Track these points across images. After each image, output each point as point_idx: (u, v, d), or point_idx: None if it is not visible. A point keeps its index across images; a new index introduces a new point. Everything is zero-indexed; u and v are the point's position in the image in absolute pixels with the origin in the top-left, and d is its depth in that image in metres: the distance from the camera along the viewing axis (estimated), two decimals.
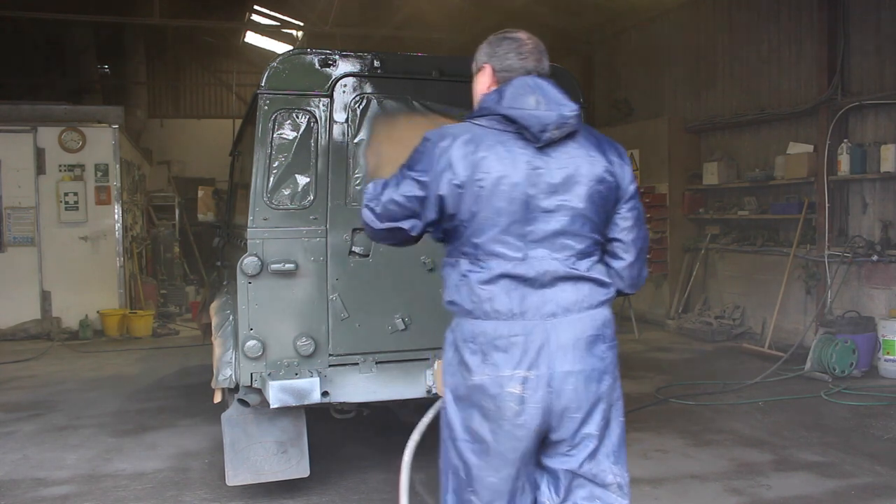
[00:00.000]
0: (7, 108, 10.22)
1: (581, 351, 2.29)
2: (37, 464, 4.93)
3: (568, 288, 2.30)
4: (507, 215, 2.25)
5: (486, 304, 2.27)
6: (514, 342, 2.25)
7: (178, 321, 11.16)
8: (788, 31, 8.68)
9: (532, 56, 2.38)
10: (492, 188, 2.24)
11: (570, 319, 2.29)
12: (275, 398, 3.66)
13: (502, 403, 2.24)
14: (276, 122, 3.85)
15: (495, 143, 2.27)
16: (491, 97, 2.33)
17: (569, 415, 2.29)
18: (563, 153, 2.31)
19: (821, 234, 8.04)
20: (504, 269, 2.27)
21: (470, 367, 2.28)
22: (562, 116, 2.26)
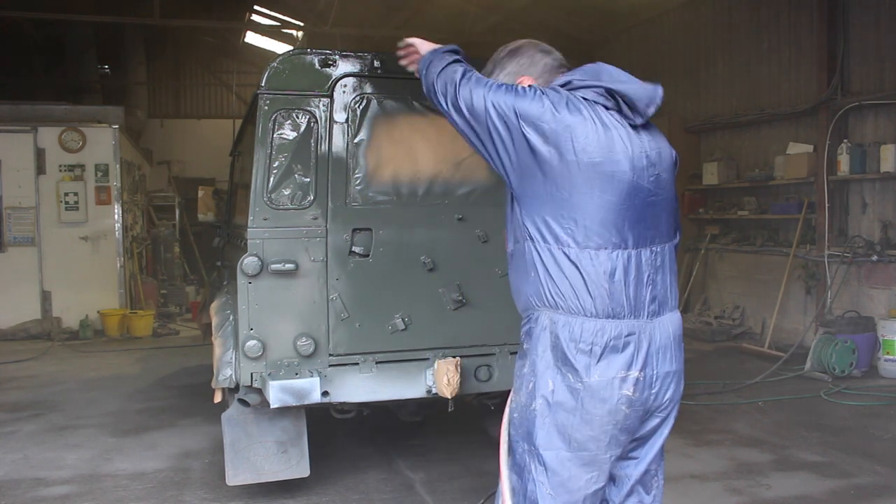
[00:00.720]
0: (7, 108, 10.23)
1: (675, 350, 2.18)
2: (37, 464, 4.94)
3: (665, 281, 2.18)
4: (617, 196, 2.05)
5: (599, 299, 2.07)
6: (629, 341, 2.09)
7: (179, 321, 11.16)
8: (788, 31, 8.68)
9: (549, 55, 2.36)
10: (604, 164, 2.04)
11: (669, 317, 2.18)
12: (275, 398, 3.66)
13: (614, 407, 2.08)
14: (276, 122, 3.85)
15: (609, 118, 2.10)
16: (580, 76, 2.20)
17: (657, 414, 2.20)
18: (650, 133, 2.19)
19: (820, 234, 8.05)
20: (613, 259, 2.07)
21: (577, 369, 2.08)
22: (658, 92, 2.16)
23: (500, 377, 4.07)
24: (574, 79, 2.18)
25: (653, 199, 2.12)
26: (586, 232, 2.05)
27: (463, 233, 4.04)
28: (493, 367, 4.06)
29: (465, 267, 4.00)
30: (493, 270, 4.05)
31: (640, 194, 2.09)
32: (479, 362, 4.03)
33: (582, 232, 2.06)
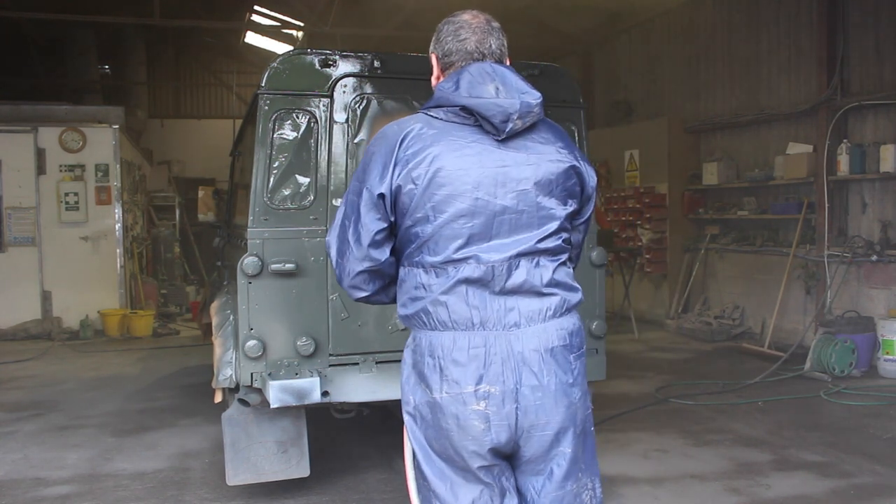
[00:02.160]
0: (8, 109, 10.23)
1: (545, 363, 2.08)
2: (37, 463, 4.94)
3: (533, 294, 2.10)
4: (469, 216, 2.04)
5: (443, 313, 2.07)
6: (476, 354, 2.05)
7: (179, 321, 11.17)
8: (788, 32, 8.68)
9: (474, 36, 2.14)
10: (451, 187, 2.02)
11: (534, 330, 2.08)
12: (275, 398, 3.67)
13: (465, 422, 2.06)
14: (276, 123, 3.85)
15: (455, 137, 2.05)
16: (446, 85, 2.10)
17: (536, 432, 2.10)
18: (527, 146, 2.09)
19: (820, 235, 8.05)
20: (464, 275, 2.05)
21: (430, 384, 2.08)
22: (526, 104, 2.04)
23: None
24: (439, 88, 2.12)
25: (516, 214, 2.07)
26: (435, 250, 2.07)
27: None
28: None
29: None
30: None
31: (496, 211, 2.05)
32: None
33: (429, 252, 2.08)
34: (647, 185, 10.47)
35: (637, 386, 6.84)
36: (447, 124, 2.07)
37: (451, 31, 2.18)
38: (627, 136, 11.05)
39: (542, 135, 2.13)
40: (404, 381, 2.20)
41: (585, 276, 4.26)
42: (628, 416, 5.84)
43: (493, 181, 2.05)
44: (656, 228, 10.29)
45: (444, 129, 2.06)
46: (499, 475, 2.14)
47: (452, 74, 2.12)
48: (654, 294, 10.57)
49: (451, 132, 2.05)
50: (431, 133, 2.05)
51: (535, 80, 4.18)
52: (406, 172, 2.03)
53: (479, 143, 2.06)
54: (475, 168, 2.04)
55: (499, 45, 2.17)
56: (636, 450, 5.03)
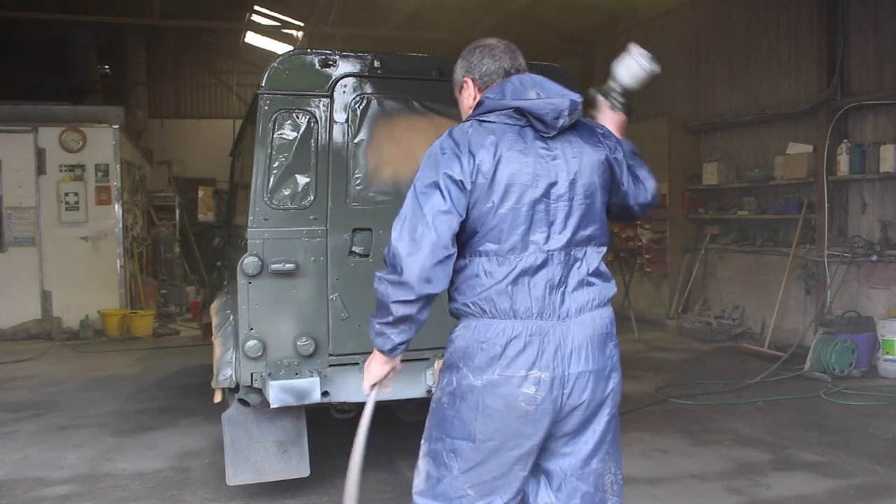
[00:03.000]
0: (8, 109, 10.23)
1: (592, 350, 2.28)
2: (37, 463, 4.94)
3: (584, 284, 2.29)
4: (529, 207, 2.23)
5: (505, 302, 2.23)
6: (531, 342, 2.22)
7: (179, 321, 11.17)
8: (788, 32, 8.68)
9: (506, 55, 2.41)
10: (512, 179, 2.21)
11: (582, 319, 2.27)
12: (275, 398, 3.67)
13: (514, 402, 2.22)
14: (276, 123, 3.85)
15: (511, 135, 2.25)
16: (492, 95, 2.31)
17: (576, 413, 2.29)
18: (571, 141, 2.31)
19: (820, 235, 8.05)
20: (526, 263, 2.23)
21: (481, 367, 2.25)
22: (573, 103, 2.25)
23: None
24: (486, 98, 2.33)
25: (566, 204, 2.27)
26: (498, 239, 2.25)
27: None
28: None
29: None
30: None
31: (550, 202, 2.26)
32: None
33: (492, 241, 2.26)
34: None
35: (637, 386, 6.84)
36: (501, 126, 2.26)
37: (485, 53, 2.42)
38: (627, 136, 11.01)
39: (582, 131, 2.36)
40: (447, 364, 2.36)
41: None
42: (628, 416, 5.84)
43: (548, 173, 2.25)
44: (656, 228, 10.29)
45: (501, 130, 2.25)
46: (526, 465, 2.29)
47: (495, 87, 2.34)
48: (654, 294, 10.57)
49: (507, 132, 2.25)
50: (490, 133, 2.25)
51: None
52: (475, 166, 2.20)
53: (532, 140, 2.26)
54: (532, 162, 2.24)
55: (524, 63, 2.45)
56: (636, 450, 5.03)
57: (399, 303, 2.23)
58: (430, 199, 2.20)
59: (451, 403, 2.31)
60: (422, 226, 2.18)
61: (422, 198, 2.22)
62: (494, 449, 2.25)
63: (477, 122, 2.29)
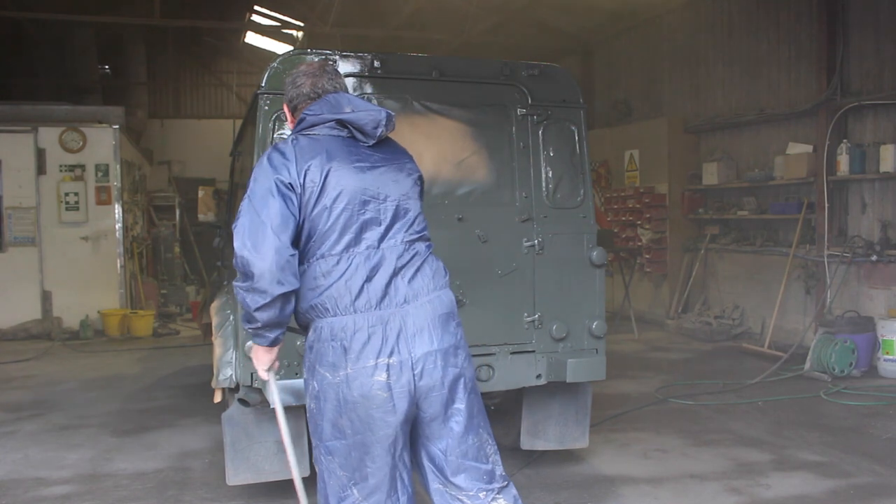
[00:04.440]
0: (8, 109, 10.23)
1: (434, 330, 2.45)
2: (37, 463, 4.94)
3: (416, 273, 2.48)
4: (359, 208, 2.43)
5: (346, 298, 2.39)
6: (374, 332, 2.38)
7: (179, 321, 11.17)
8: (788, 31, 8.68)
9: (308, 80, 2.59)
10: (340, 186, 2.41)
11: (421, 303, 2.45)
12: None
13: (370, 392, 2.37)
14: (276, 123, 3.85)
15: (338, 145, 2.47)
16: (313, 110, 2.51)
17: (433, 393, 2.44)
18: (388, 152, 2.58)
19: (820, 235, 8.05)
20: (360, 260, 2.41)
21: (334, 364, 2.39)
22: (389, 115, 2.53)
23: (501, 377, 4.07)
24: (307, 115, 2.52)
25: (393, 204, 2.51)
26: (332, 243, 2.44)
27: (462, 233, 4.04)
28: (493, 367, 4.06)
29: (465, 267, 3.99)
30: (492, 270, 4.06)
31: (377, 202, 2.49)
32: (479, 362, 4.03)
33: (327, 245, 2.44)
34: (646, 185, 10.47)
35: (637, 386, 6.84)
36: (327, 137, 2.48)
37: (289, 82, 2.65)
38: (627, 136, 11.05)
39: (392, 145, 2.64)
40: (307, 371, 2.50)
41: (585, 276, 4.27)
42: (628, 416, 5.84)
43: (374, 180, 2.48)
44: (656, 228, 10.29)
45: (326, 140, 2.47)
46: (401, 453, 2.46)
47: (314, 104, 2.54)
48: (654, 294, 10.57)
49: (332, 142, 2.47)
50: (316, 142, 2.46)
51: (535, 80, 4.20)
52: (304, 172, 2.39)
53: (356, 148, 2.50)
54: (359, 168, 2.46)
55: (332, 84, 2.60)
56: (636, 450, 5.03)
57: (260, 309, 2.37)
58: (266, 205, 2.35)
59: (318, 407, 2.46)
60: (262, 232, 2.33)
61: (258, 205, 2.36)
62: (364, 441, 2.40)
63: (302, 136, 2.50)
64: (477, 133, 4.12)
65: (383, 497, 2.43)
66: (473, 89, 4.13)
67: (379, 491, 2.42)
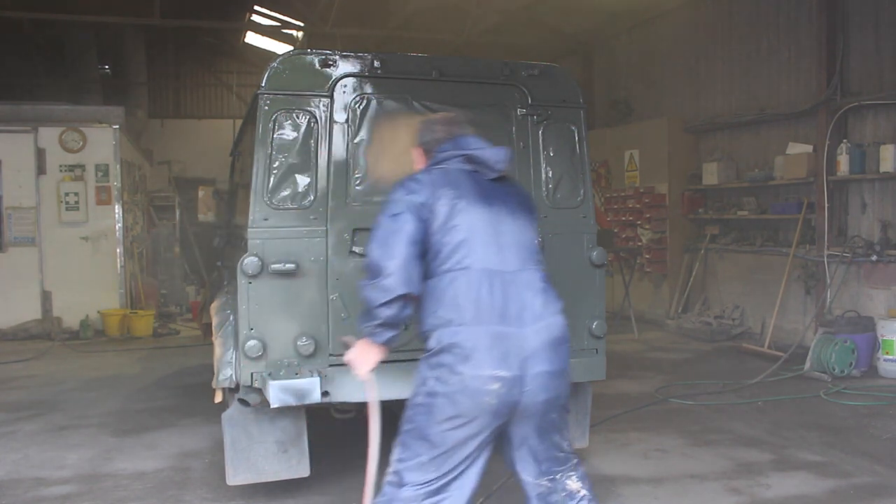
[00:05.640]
0: (8, 109, 10.23)
1: (549, 353, 2.72)
2: (37, 463, 4.94)
3: (534, 298, 2.76)
4: (480, 233, 2.75)
5: (469, 312, 2.69)
6: (494, 345, 2.65)
7: (179, 321, 11.17)
8: (788, 32, 8.68)
9: (443, 128, 3.01)
10: (467, 210, 2.75)
11: (538, 327, 2.71)
12: (275, 398, 3.67)
13: (481, 400, 2.63)
14: (276, 123, 3.85)
15: (466, 176, 2.85)
16: (445, 148, 2.94)
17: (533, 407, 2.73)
18: (506, 184, 2.96)
19: (820, 235, 8.05)
20: (480, 280, 2.70)
21: (452, 368, 2.65)
22: (508, 152, 2.94)
23: None
24: (440, 153, 2.95)
25: (514, 231, 2.84)
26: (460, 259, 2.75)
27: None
28: None
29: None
30: None
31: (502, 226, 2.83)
32: None
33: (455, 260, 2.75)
34: (646, 185, 10.47)
35: (637, 386, 6.84)
36: (455, 171, 2.87)
37: (423, 127, 3.08)
38: (627, 136, 11.05)
39: (511, 182, 3.06)
40: (426, 369, 2.76)
41: (585, 276, 4.27)
42: (628, 416, 5.84)
43: (497, 209, 2.83)
44: (656, 228, 10.29)
45: (455, 173, 2.86)
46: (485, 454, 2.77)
47: (445, 145, 2.95)
48: (654, 294, 10.57)
49: (460, 175, 2.86)
50: (447, 174, 2.85)
51: (535, 80, 4.20)
52: (437, 197, 2.76)
53: (481, 181, 2.87)
54: (484, 199, 2.82)
55: (462, 131, 3.02)
56: (636, 450, 5.03)
57: (382, 306, 2.68)
58: (399, 220, 2.70)
59: (429, 403, 2.72)
60: (393, 240, 2.68)
61: (392, 220, 2.72)
62: (460, 437, 2.68)
63: (435, 169, 2.89)
64: (477, 133, 4.11)
65: (453, 478, 2.73)
66: (473, 89, 4.13)
67: (452, 474, 2.72)
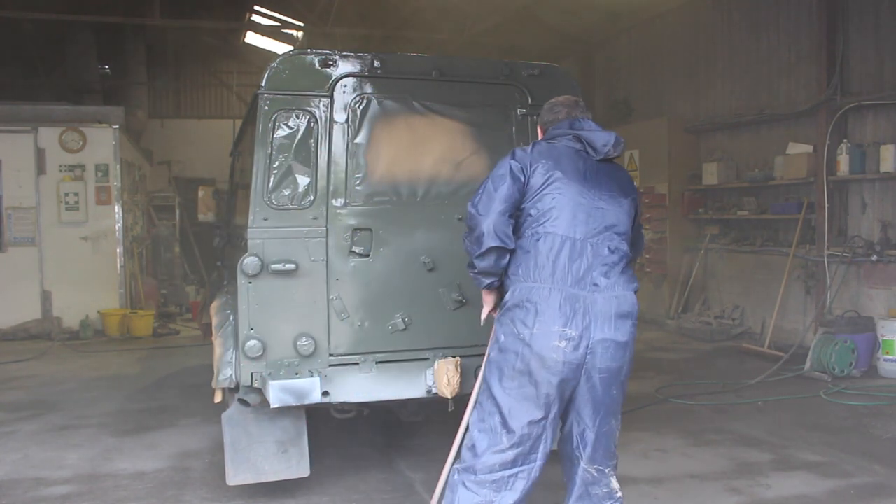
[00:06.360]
0: (8, 109, 10.22)
1: (616, 322, 2.89)
2: (37, 463, 4.94)
3: (611, 271, 2.94)
4: (571, 202, 2.95)
5: (547, 270, 2.91)
6: (565, 304, 2.84)
7: (179, 321, 11.17)
8: (788, 31, 8.68)
9: (564, 108, 3.22)
10: (561, 181, 2.96)
11: (608, 296, 2.88)
12: (275, 398, 3.67)
13: (546, 355, 2.81)
14: (276, 123, 3.85)
15: (569, 153, 3.05)
16: (559, 126, 3.16)
17: (596, 374, 2.89)
18: (609, 165, 3.11)
19: (820, 235, 8.05)
20: (561, 245, 2.90)
21: (524, 322, 2.85)
22: (618, 139, 3.08)
23: None
24: (553, 130, 3.19)
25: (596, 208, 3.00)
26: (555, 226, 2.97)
27: (463, 233, 4.04)
28: None
29: (465, 267, 4.00)
30: None
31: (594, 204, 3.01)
32: (479, 362, 4.01)
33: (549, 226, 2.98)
34: (647, 185, 10.47)
35: (637, 386, 6.83)
36: (562, 146, 3.08)
37: (547, 108, 3.31)
38: (627, 136, 10.86)
39: (618, 168, 3.18)
40: (498, 324, 3.00)
41: None
42: (628, 416, 5.81)
43: (593, 186, 3.01)
44: (656, 228, 10.29)
45: (561, 148, 3.08)
46: (554, 419, 2.91)
47: (560, 123, 3.18)
48: (654, 294, 10.57)
49: (566, 150, 3.07)
50: (553, 149, 3.07)
51: (535, 80, 4.21)
52: (535, 167, 2.98)
53: (585, 160, 3.06)
54: (582, 175, 3.01)
55: (582, 113, 3.21)
56: (636, 450, 5.03)
57: (479, 257, 2.97)
58: (499, 182, 2.95)
59: (499, 356, 2.91)
60: (490, 200, 2.93)
61: (494, 181, 2.97)
62: (527, 394, 2.84)
63: (545, 142, 3.13)
64: (477, 133, 4.12)
65: (525, 451, 2.86)
66: (473, 89, 4.13)
67: (523, 445, 2.85)
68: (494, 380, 2.90)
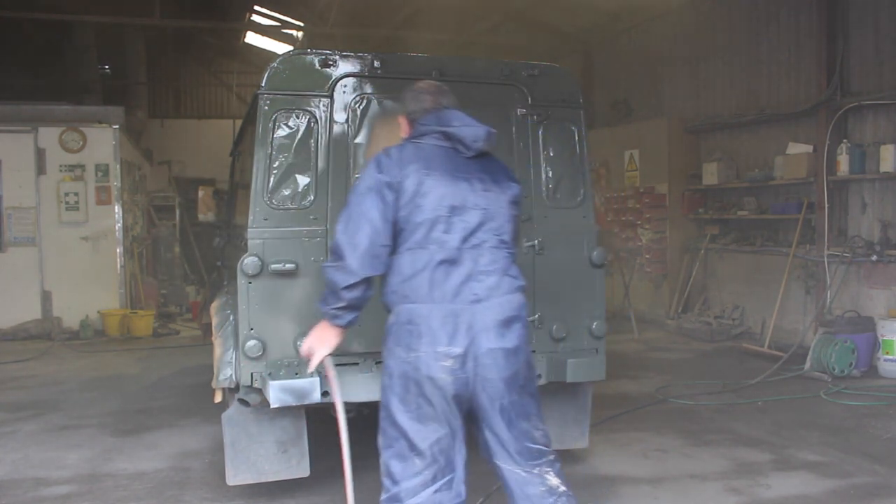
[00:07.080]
0: (8, 109, 10.22)
1: (500, 329, 2.77)
2: (37, 463, 4.94)
3: (491, 277, 2.80)
4: (446, 211, 2.77)
5: (424, 289, 2.77)
6: (447, 322, 2.72)
7: (179, 321, 11.17)
8: (788, 32, 8.68)
9: (429, 97, 2.97)
10: (434, 190, 2.76)
11: (490, 304, 2.76)
12: (275, 398, 3.67)
13: (434, 375, 2.70)
14: (276, 123, 3.85)
15: (440, 154, 2.84)
16: (425, 122, 2.89)
17: (489, 385, 2.77)
18: (485, 162, 2.91)
19: (820, 235, 8.05)
20: (440, 258, 2.75)
21: (408, 345, 2.74)
22: (489, 132, 2.87)
23: None
24: (420, 126, 2.93)
25: (478, 210, 2.83)
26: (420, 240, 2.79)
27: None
28: None
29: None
30: None
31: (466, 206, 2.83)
32: None
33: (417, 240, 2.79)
34: (646, 185, 10.47)
35: (637, 386, 6.84)
36: (431, 146, 2.86)
37: (411, 97, 3.02)
38: (627, 136, 11.05)
39: (493, 162, 2.99)
40: (385, 350, 2.86)
41: (585, 276, 4.27)
42: (628, 416, 5.84)
43: (467, 188, 2.82)
44: (656, 228, 10.29)
45: (430, 149, 2.85)
46: (458, 433, 2.79)
47: (427, 117, 2.91)
48: (654, 294, 10.57)
49: (434, 151, 2.85)
50: (421, 150, 2.84)
51: (535, 80, 4.20)
52: (405, 176, 2.76)
53: (456, 159, 2.85)
54: (454, 177, 2.81)
55: (448, 102, 2.98)
56: (636, 450, 5.03)
57: (347, 288, 2.76)
58: (366, 199, 2.74)
59: (389, 382, 2.79)
60: (358, 221, 2.72)
61: (359, 198, 2.76)
62: (424, 414, 2.73)
63: (411, 143, 2.88)
64: None
65: (442, 465, 2.76)
66: (473, 89, 4.12)
67: (437, 461, 2.75)
68: (393, 405, 2.78)
